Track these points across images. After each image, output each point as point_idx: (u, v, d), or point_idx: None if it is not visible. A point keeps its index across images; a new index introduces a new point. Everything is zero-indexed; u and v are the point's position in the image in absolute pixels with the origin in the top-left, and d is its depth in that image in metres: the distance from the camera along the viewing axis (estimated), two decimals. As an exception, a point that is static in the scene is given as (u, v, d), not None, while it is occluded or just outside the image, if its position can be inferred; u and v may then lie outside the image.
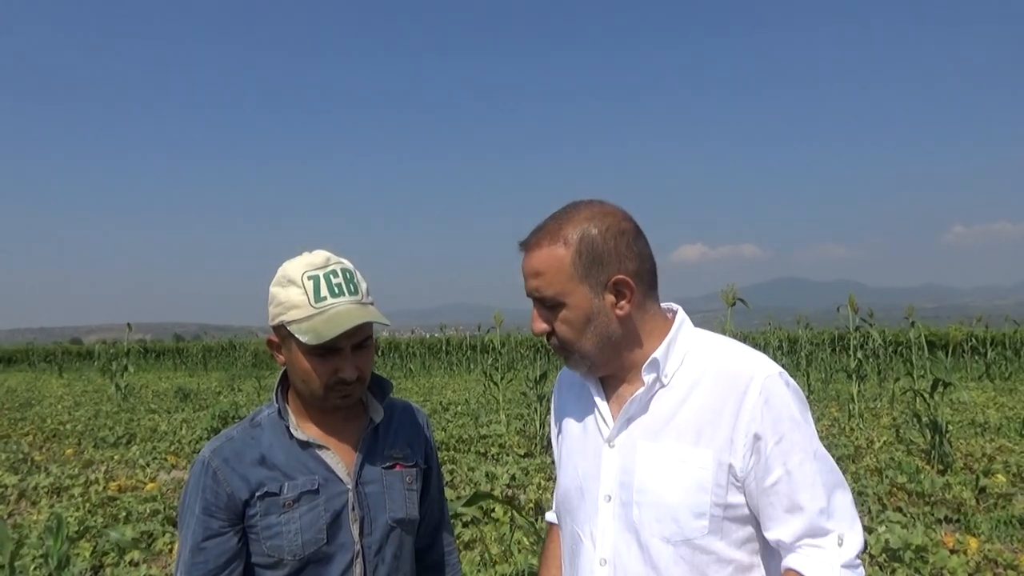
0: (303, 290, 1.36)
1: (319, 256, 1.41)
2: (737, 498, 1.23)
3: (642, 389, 1.29)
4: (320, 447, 1.43)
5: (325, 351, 1.35)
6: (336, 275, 1.39)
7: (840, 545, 1.19)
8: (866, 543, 1.23)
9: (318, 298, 1.36)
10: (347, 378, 1.37)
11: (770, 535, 1.23)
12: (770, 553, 1.28)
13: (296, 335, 1.34)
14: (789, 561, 1.21)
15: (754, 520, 1.26)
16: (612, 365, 1.34)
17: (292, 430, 1.42)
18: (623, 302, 1.28)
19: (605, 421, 1.35)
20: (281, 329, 1.39)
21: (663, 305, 1.38)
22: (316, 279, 1.37)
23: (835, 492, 1.22)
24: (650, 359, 1.29)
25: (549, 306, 1.30)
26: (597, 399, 1.37)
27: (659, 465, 1.26)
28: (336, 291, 1.37)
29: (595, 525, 1.32)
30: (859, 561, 1.20)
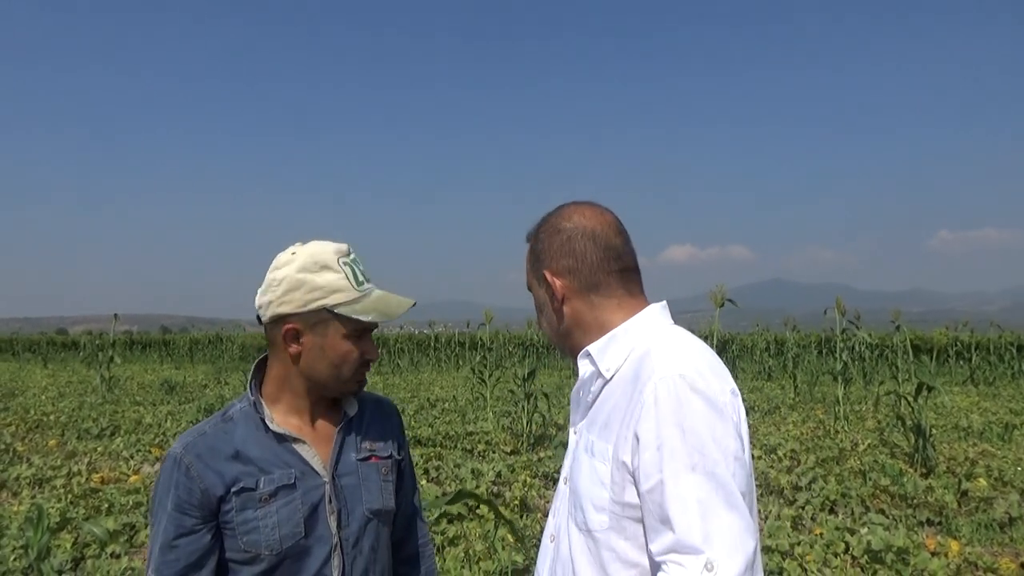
0: (343, 274, 1.41)
1: (341, 245, 1.46)
2: (634, 498, 1.20)
3: (581, 379, 1.38)
4: (295, 440, 1.42)
5: (361, 333, 1.43)
6: (359, 263, 1.47)
7: (709, 570, 1.06)
8: None
9: (358, 282, 1.43)
10: (373, 358, 1.47)
11: (649, 546, 1.17)
12: None
13: (352, 316, 1.40)
14: None
15: None
16: (573, 354, 1.42)
17: (268, 423, 1.41)
18: (553, 296, 1.39)
19: (572, 409, 1.46)
20: (318, 314, 1.39)
21: (653, 304, 1.39)
22: (350, 265, 1.43)
23: (717, 512, 1.09)
24: (584, 350, 1.36)
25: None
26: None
27: (581, 454, 1.33)
28: (367, 277, 1.46)
29: (554, 503, 1.43)
30: None
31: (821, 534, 4.83)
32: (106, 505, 5.72)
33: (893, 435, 8.67)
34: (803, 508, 5.68)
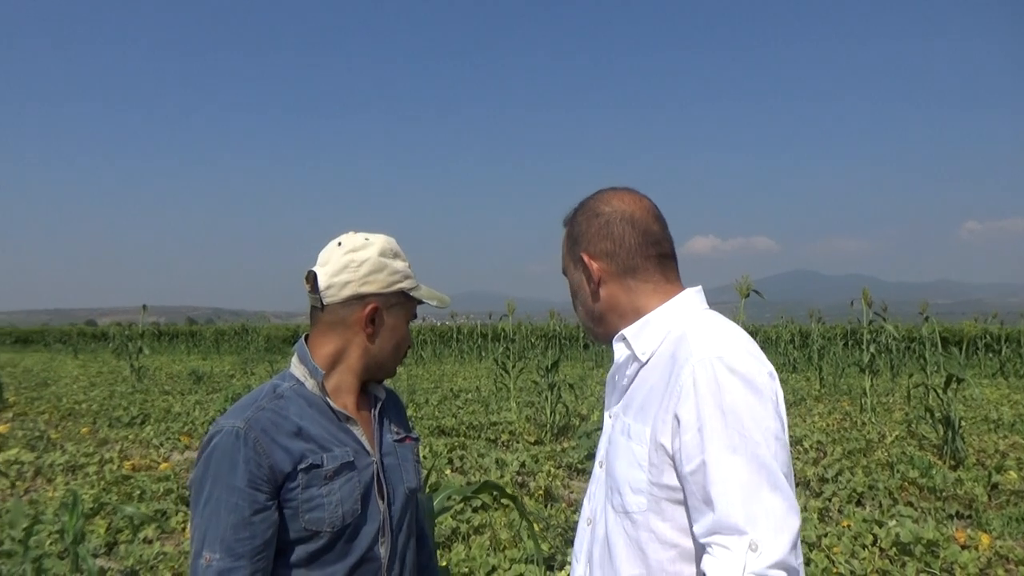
0: (408, 264, 1.53)
1: None
2: (673, 480, 1.21)
3: (616, 363, 1.38)
4: (348, 419, 1.45)
5: (411, 320, 1.55)
6: None
7: (753, 550, 1.06)
8: (789, 560, 1.07)
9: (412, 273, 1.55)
10: (410, 345, 1.57)
11: (693, 527, 1.18)
12: None
13: (423, 300, 1.53)
14: (702, 563, 1.13)
15: None
16: (607, 339, 1.43)
17: (330, 402, 1.44)
18: (589, 279, 1.40)
19: (607, 393, 1.48)
20: (397, 296, 1.49)
21: (689, 289, 1.40)
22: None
23: (759, 493, 1.10)
24: (619, 333, 1.37)
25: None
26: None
27: (618, 437, 1.33)
28: None
29: (590, 487, 1.44)
30: (779, 572, 1.06)
31: (848, 526, 4.79)
32: (138, 492, 5.83)
33: (921, 427, 8.57)
34: (830, 500, 5.64)
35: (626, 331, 1.36)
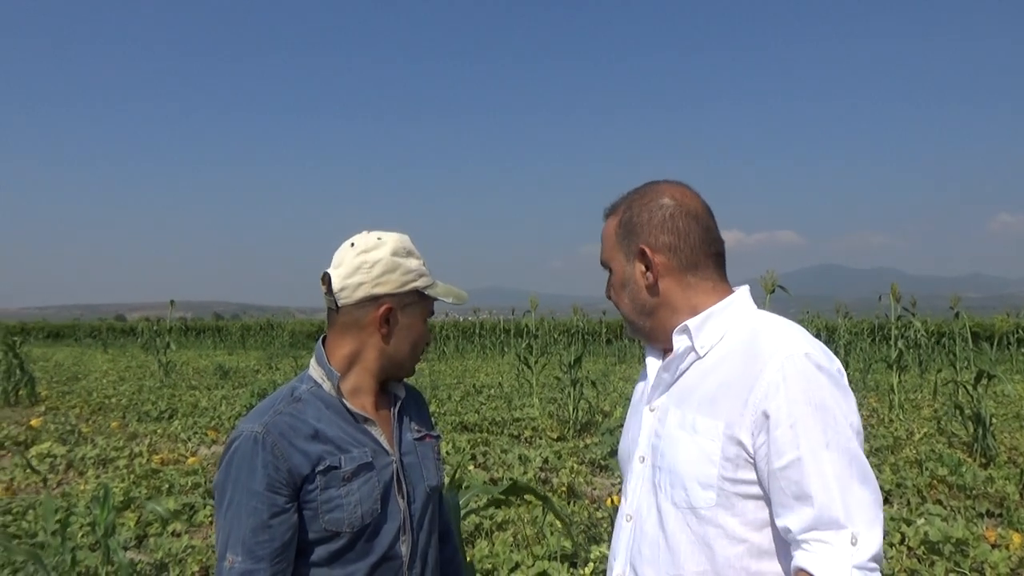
0: (422, 261, 1.52)
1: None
2: (748, 475, 1.20)
3: (674, 354, 1.34)
4: (366, 420, 1.46)
5: (428, 318, 1.54)
6: None
7: (853, 544, 1.09)
8: (881, 553, 1.11)
9: (428, 270, 1.54)
10: (430, 342, 1.58)
11: (779, 522, 1.17)
12: None
13: (438, 297, 1.52)
14: (799, 559, 1.13)
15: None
16: (652, 334, 1.40)
17: (347, 403, 1.45)
18: (648, 272, 1.35)
19: (651, 386, 1.42)
20: (411, 295, 1.48)
21: (738, 288, 1.39)
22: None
23: (853, 487, 1.13)
24: (681, 324, 1.33)
25: (607, 271, 1.45)
26: (650, 366, 1.43)
27: (676, 432, 1.29)
28: None
29: (629, 483, 1.40)
30: (875, 565, 1.10)
31: (876, 524, 4.73)
32: (166, 485, 5.92)
33: (951, 424, 8.44)
34: (856, 498, 5.58)
35: (689, 322, 1.32)
